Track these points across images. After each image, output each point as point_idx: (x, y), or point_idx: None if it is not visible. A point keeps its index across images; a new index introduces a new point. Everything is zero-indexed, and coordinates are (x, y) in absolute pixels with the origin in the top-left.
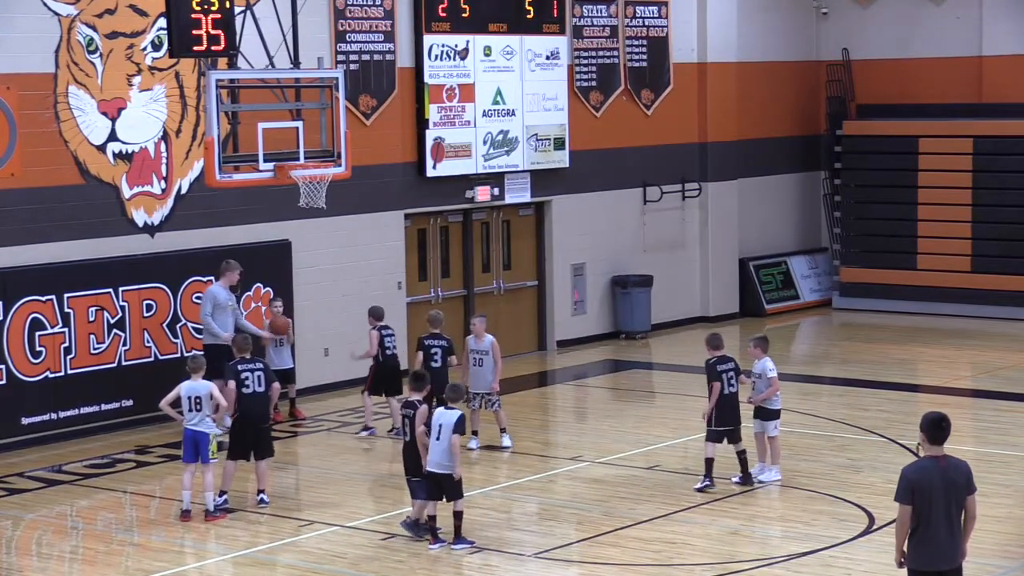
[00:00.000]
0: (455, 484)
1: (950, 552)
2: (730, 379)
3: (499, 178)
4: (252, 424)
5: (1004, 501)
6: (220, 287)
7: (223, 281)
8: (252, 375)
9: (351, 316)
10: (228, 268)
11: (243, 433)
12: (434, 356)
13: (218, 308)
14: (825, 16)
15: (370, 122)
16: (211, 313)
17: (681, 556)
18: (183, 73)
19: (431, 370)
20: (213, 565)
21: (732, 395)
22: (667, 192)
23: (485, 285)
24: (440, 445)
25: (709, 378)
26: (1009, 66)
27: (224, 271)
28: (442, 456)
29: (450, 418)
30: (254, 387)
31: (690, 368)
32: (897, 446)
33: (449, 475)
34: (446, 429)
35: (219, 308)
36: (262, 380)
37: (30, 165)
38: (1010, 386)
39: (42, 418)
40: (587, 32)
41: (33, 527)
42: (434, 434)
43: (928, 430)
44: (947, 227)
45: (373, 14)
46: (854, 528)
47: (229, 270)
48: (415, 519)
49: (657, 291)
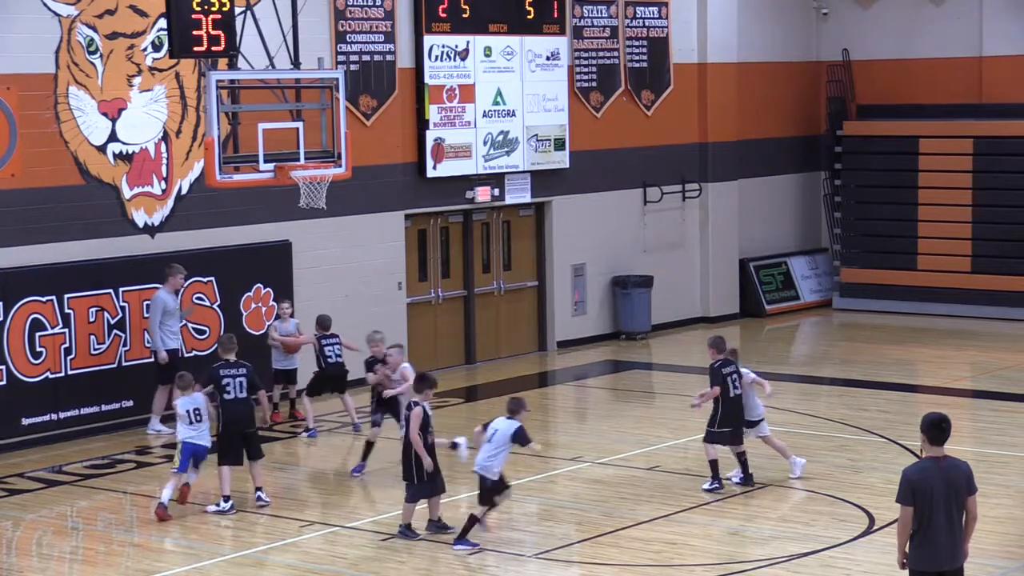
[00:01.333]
0: (488, 490)
1: (951, 553)
2: (734, 382)
3: (499, 179)
4: (238, 429)
5: (1004, 501)
6: (167, 293)
7: (168, 286)
8: (234, 381)
9: (351, 317)
10: (172, 272)
11: (231, 439)
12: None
13: (167, 314)
14: (825, 16)
15: (370, 123)
16: (160, 321)
17: (681, 557)
18: (183, 74)
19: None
20: (213, 565)
21: (736, 398)
22: (667, 192)
23: (485, 285)
24: (490, 449)
25: (712, 381)
26: (1009, 66)
27: (168, 275)
28: (489, 460)
29: (508, 427)
30: (235, 393)
31: (690, 369)
32: (897, 446)
33: (486, 478)
34: (501, 435)
35: (168, 314)
36: (243, 386)
37: (30, 165)
38: (1009, 386)
39: (42, 418)
40: (587, 32)
41: (33, 527)
42: (488, 434)
43: (928, 431)
44: (947, 227)
45: (373, 15)
46: (854, 528)
47: (173, 274)
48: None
49: (657, 291)
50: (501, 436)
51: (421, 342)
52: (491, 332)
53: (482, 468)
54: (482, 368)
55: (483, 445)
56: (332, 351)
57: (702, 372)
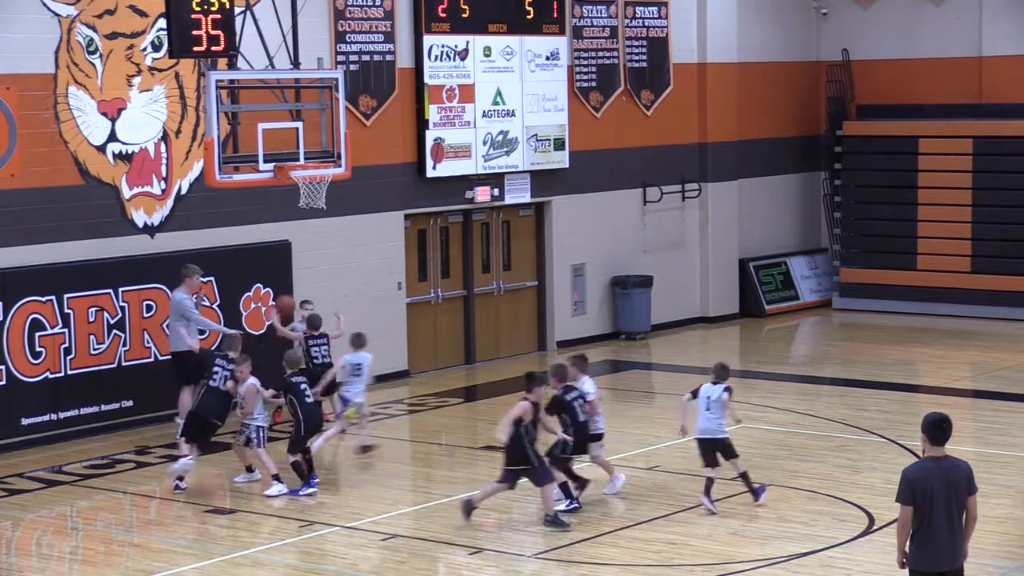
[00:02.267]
0: (731, 445)
1: (951, 553)
2: (580, 407)
3: (499, 178)
4: (203, 418)
5: (1004, 501)
6: (183, 294)
7: (184, 288)
8: (220, 373)
9: (351, 317)
10: (188, 273)
11: (194, 423)
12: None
13: (186, 316)
14: (825, 16)
15: (370, 123)
16: (179, 322)
17: (681, 557)
18: (183, 74)
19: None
20: (213, 565)
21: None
22: (667, 192)
23: (485, 285)
24: (710, 415)
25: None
26: (1009, 66)
27: (184, 277)
28: (711, 423)
29: (717, 391)
30: (219, 383)
31: (690, 369)
32: (897, 446)
33: (725, 438)
34: (716, 400)
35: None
36: (225, 380)
37: (30, 165)
38: (1010, 386)
39: (42, 418)
40: (587, 32)
41: (33, 527)
42: (703, 407)
43: (929, 431)
44: (947, 227)
45: (373, 15)
46: (854, 528)
47: (189, 275)
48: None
49: (657, 291)
50: (718, 401)
51: (421, 342)
52: (491, 332)
53: (708, 432)
54: (482, 368)
55: (702, 413)
56: (319, 352)
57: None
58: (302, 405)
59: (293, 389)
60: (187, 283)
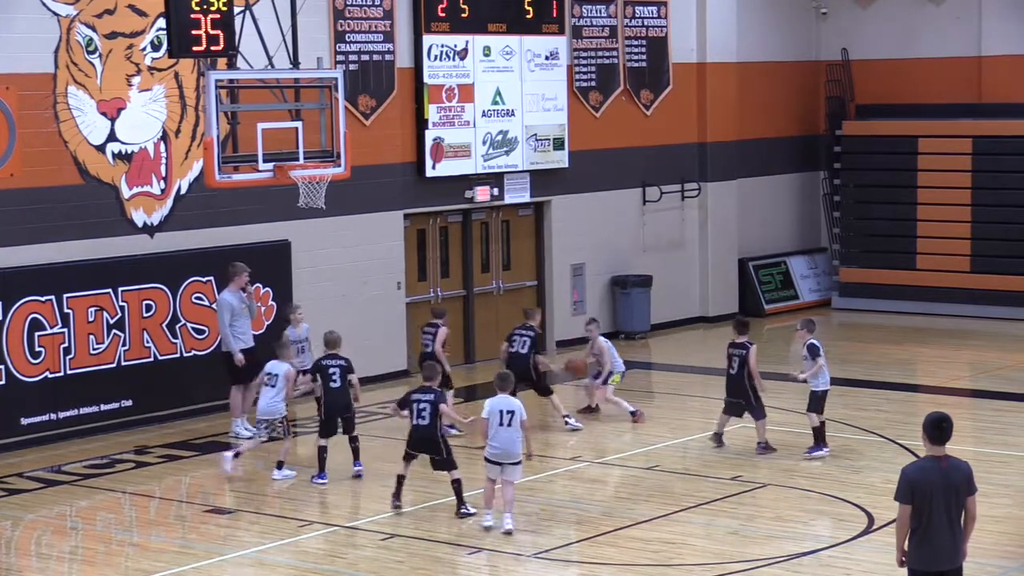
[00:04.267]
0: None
1: (950, 552)
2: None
3: (499, 178)
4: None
5: (1003, 501)
6: (231, 293)
7: (233, 286)
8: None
9: (351, 317)
10: (236, 272)
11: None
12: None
13: (235, 315)
14: (825, 16)
15: (369, 122)
16: (229, 322)
17: (680, 556)
18: (182, 73)
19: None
20: (213, 565)
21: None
22: (666, 192)
23: (485, 285)
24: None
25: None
26: (1009, 66)
27: (232, 275)
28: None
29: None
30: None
31: (690, 368)
32: (896, 446)
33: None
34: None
35: (236, 315)
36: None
37: (30, 165)
38: (1009, 386)
39: (41, 418)
40: (586, 32)
41: (33, 527)
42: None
43: (929, 430)
44: (947, 227)
45: (372, 14)
46: (854, 528)
47: (237, 273)
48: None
49: (656, 291)
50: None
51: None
52: (490, 332)
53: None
54: (482, 367)
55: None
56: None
57: (702, 372)
58: (326, 389)
59: (322, 372)
60: (235, 281)
